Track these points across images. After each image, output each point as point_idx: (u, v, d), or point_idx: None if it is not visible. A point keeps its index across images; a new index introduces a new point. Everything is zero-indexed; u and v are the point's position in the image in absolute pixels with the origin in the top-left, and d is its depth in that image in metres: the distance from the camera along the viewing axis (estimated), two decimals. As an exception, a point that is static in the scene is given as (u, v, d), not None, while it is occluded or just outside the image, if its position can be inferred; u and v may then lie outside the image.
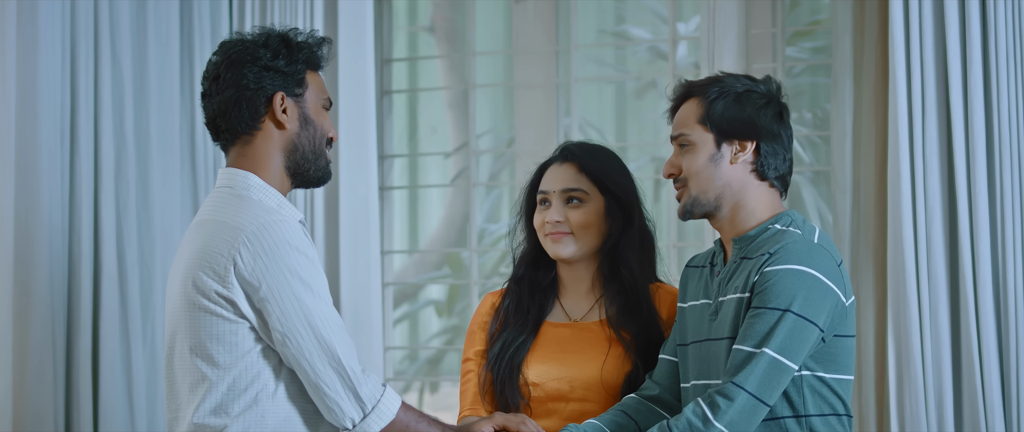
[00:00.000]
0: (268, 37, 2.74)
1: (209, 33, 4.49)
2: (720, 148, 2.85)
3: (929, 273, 3.77)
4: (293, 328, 2.61)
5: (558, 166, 3.15)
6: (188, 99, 4.47)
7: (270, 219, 2.64)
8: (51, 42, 4.20)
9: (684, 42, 5.02)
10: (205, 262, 2.63)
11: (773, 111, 2.86)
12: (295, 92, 2.74)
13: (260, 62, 2.71)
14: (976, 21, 3.73)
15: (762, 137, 2.84)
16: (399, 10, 5.29)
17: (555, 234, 3.10)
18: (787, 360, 2.71)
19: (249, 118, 2.71)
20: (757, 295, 2.74)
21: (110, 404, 4.25)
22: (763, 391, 2.71)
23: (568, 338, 3.13)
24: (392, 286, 4.80)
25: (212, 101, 2.74)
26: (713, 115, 2.85)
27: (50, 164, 4.19)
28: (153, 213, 4.37)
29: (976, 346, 3.71)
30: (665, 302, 3.12)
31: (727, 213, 2.86)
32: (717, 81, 2.89)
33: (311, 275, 2.64)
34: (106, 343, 4.25)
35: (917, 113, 3.78)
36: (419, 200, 5.89)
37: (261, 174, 2.73)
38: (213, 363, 2.63)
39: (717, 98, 2.86)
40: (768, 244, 2.79)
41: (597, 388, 3.07)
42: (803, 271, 2.73)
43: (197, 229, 2.71)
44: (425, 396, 6.23)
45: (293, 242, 2.63)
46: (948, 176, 3.79)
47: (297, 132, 2.74)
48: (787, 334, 2.71)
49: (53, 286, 4.19)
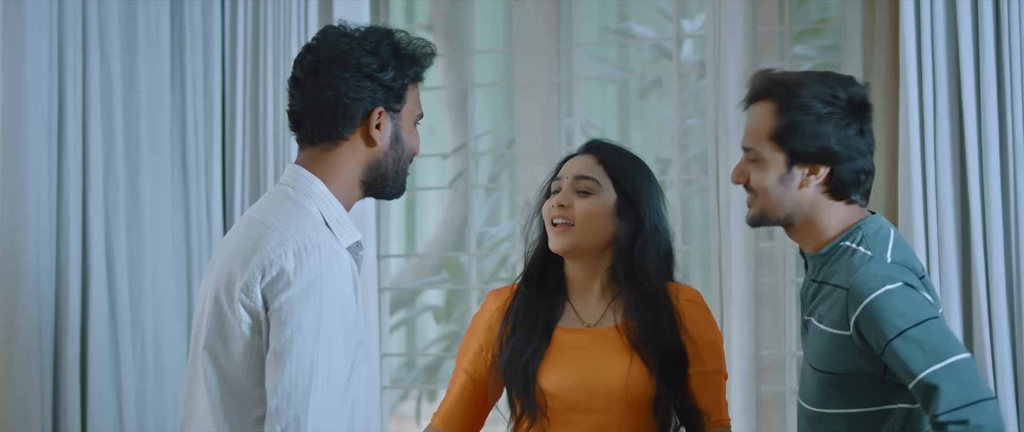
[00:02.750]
0: (379, 42, 2.60)
1: (200, 32, 4.49)
2: (791, 170, 2.77)
3: (941, 278, 3.77)
4: (290, 393, 2.48)
5: (578, 157, 3.13)
6: (179, 100, 4.47)
7: (328, 259, 2.50)
8: (38, 41, 4.20)
9: (689, 40, 5.03)
10: (239, 262, 2.53)
11: (854, 129, 2.77)
12: (394, 108, 2.62)
13: (366, 70, 2.58)
14: (989, 19, 3.73)
15: (837, 162, 2.76)
16: (396, 8, 5.29)
17: (559, 226, 3.06)
18: (954, 356, 2.63)
19: (340, 127, 2.59)
20: (869, 339, 2.68)
21: (98, 413, 4.25)
22: (971, 392, 2.62)
23: (584, 345, 3.08)
24: (389, 291, 4.81)
25: (304, 95, 2.60)
26: (785, 137, 2.76)
27: (37, 166, 4.19)
28: (143, 217, 4.37)
29: (989, 352, 3.72)
30: (685, 307, 3.08)
31: (800, 227, 2.81)
32: (797, 90, 2.76)
33: (342, 355, 2.50)
34: (94, 350, 4.25)
35: (929, 113, 3.79)
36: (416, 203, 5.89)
37: (331, 182, 2.61)
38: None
39: (793, 116, 2.75)
40: (841, 274, 2.74)
41: (619, 399, 3.03)
42: (884, 293, 2.68)
43: (247, 226, 2.59)
44: (422, 404, 6.23)
45: (340, 301, 2.50)
46: (960, 178, 3.79)
47: (385, 150, 2.62)
48: (928, 343, 2.65)
49: (40, 291, 4.20)
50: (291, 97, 2.63)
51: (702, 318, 3.10)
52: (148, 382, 4.35)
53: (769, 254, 4.22)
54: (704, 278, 4.55)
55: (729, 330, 4.13)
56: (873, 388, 2.74)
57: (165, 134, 4.43)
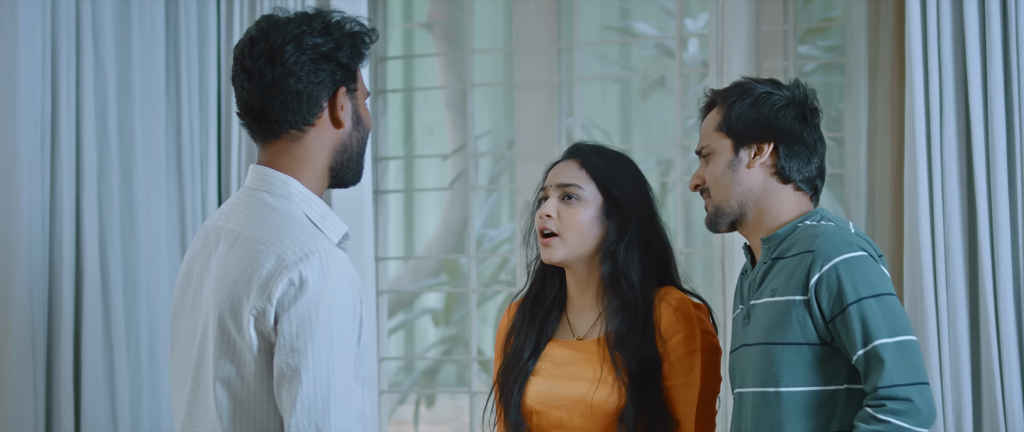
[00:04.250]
0: (328, 25, 2.56)
1: (196, 31, 4.49)
2: (738, 153, 2.89)
3: (947, 280, 3.77)
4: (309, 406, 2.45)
5: (561, 163, 3.12)
6: (174, 99, 4.47)
7: (330, 265, 2.47)
8: (31, 40, 4.20)
9: (692, 39, 5.03)
10: (242, 288, 2.48)
11: (795, 112, 2.90)
12: (351, 87, 2.59)
13: (322, 49, 2.54)
14: (996, 18, 3.73)
15: (780, 139, 2.88)
16: (394, 6, 5.29)
17: (544, 239, 3.05)
18: (904, 336, 2.73)
19: (306, 112, 2.55)
20: (824, 302, 2.76)
21: (92, 418, 4.25)
22: (915, 373, 2.71)
23: (567, 360, 3.07)
24: (387, 294, 4.81)
25: (263, 85, 2.54)
26: (730, 120, 2.90)
27: (30, 167, 4.19)
28: (138, 218, 4.37)
29: (996, 356, 3.71)
30: (664, 312, 3.03)
31: (752, 219, 2.90)
32: (737, 87, 2.94)
33: (353, 358, 2.47)
34: (88, 354, 4.25)
35: (935, 113, 3.78)
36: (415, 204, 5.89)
37: (303, 176, 2.57)
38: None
39: (734, 102, 2.91)
40: (803, 241, 2.81)
41: (591, 414, 3.01)
42: (852, 257, 2.76)
43: (234, 243, 2.53)
44: (421, 410, 6.23)
45: (348, 307, 2.47)
46: (967, 179, 3.79)
47: (350, 131, 2.59)
48: (883, 316, 2.73)
49: (33, 294, 4.20)
50: (243, 91, 2.56)
51: (681, 328, 3.02)
52: (143, 386, 4.35)
53: (773, 256, 4.21)
54: (706, 281, 4.55)
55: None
56: (816, 363, 2.79)
57: (160, 134, 4.43)
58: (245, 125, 2.59)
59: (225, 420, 2.51)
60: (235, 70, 2.57)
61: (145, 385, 4.35)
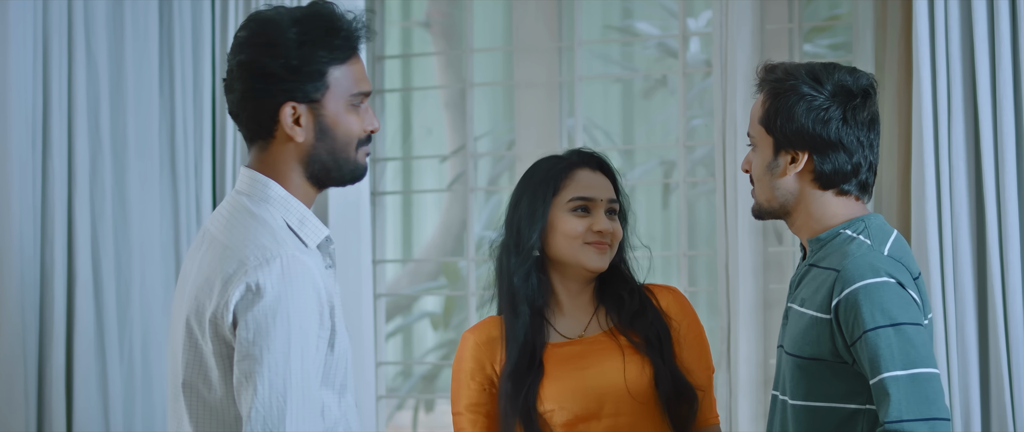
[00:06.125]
0: (284, 30, 2.52)
1: (190, 31, 4.48)
2: (776, 157, 2.83)
3: (956, 282, 3.77)
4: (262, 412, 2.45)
5: (592, 173, 3.19)
6: (168, 100, 4.46)
7: (292, 272, 2.46)
8: (22, 39, 4.20)
9: (695, 38, 5.03)
10: (205, 292, 2.49)
11: (838, 115, 2.80)
12: (312, 97, 2.54)
13: (259, 67, 2.52)
14: (1005, 16, 3.73)
15: (816, 148, 2.80)
16: (392, 5, 5.29)
17: (601, 244, 3.15)
18: (920, 368, 2.65)
19: (258, 126, 2.55)
20: (845, 326, 2.71)
21: (84, 423, 4.24)
22: (925, 408, 2.64)
23: (581, 354, 3.13)
24: (385, 297, 4.80)
25: (230, 96, 2.56)
26: (771, 120, 2.83)
27: (21, 168, 4.19)
28: (131, 220, 4.37)
29: (1005, 358, 3.71)
30: (661, 298, 3.19)
31: (796, 220, 2.86)
32: (786, 76, 2.84)
33: (312, 366, 2.48)
34: (80, 359, 4.25)
35: (942, 113, 3.78)
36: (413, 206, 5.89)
37: (283, 181, 2.56)
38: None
39: (778, 100, 2.82)
40: (834, 257, 2.77)
41: (624, 399, 3.08)
42: (874, 284, 2.70)
43: (208, 247, 2.55)
44: (420, 415, 6.22)
45: (307, 314, 2.47)
46: (975, 180, 3.79)
47: (313, 144, 2.56)
48: (899, 346, 2.66)
49: (24, 298, 4.19)
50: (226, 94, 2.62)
51: (684, 310, 3.20)
52: (136, 391, 4.34)
53: (778, 259, 4.21)
54: (710, 284, 4.55)
55: (736, 337, 4.13)
56: (844, 380, 2.75)
57: (153, 135, 4.42)
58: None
59: (194, 423, 2.53)
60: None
61: (138, 390, 4.34)
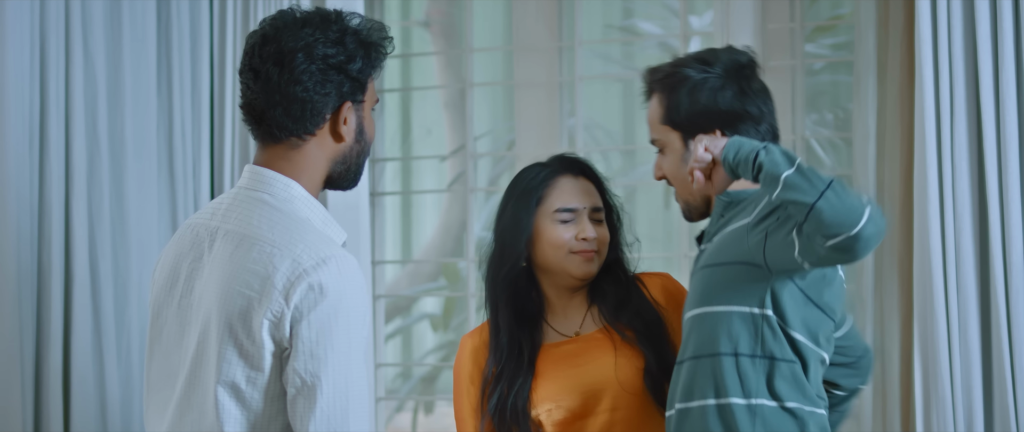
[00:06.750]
0: (343, 32, 2.54)
1: (188, 31, 4.48)
2: (688, 146, 2.87)
3: (958, 283, 3.76)
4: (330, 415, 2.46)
5: (575, 180, 3.20)
6: (165, 100, 4.46)
7: (346, 271, 2.47)
8: (19, 39, 4.20)
9: (697, 37, 5.02)
10: (248, 291, 2.46)
11: (733, 89, 2.86)
12: (359, 99, 2.58)
13: (332, 61, 2.52)
14: (1008, 16, 3.72)
15: (724, 123, 2.85)
16: (391, 4, 5.29)
17: (587, 253, 3.15)
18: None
19: (308, 123, 2.53)
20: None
21: (82, 424, 4.24)
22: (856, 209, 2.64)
23: (575, 352, 3.16)
24: (384, 299, 4.80)
25: (268, 88, 2.51)
26: (672, 114, 2.88)
27: (18, 168, 4.19)
28: (128, 221, 4.37)
29: (1008, 359, 3.71)
30: (652, 285, 3.20)
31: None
32: (672, 72, 2.89)
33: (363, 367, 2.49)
34: (78, 359, 4.25)
35: (945, 113, 3.78)
36: (413, 207, 5.88)
37: (305, 182, 2.56)
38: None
39: (673, 93, 2.87)
40: (750, 207, 2.81)
41: (617, 392, 3.09)
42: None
43: (238, 245, 2.51)
44: (419, 417, 6.22)
45: (364, 313, 2.49)
46: (978, 181, 3.78)
47: (351, 144, 2.58)
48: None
49: (21, 298, 4.19)
50: (248, 89, 2.54)
51: (676, 295, 3.20)
52: (133, 392, 4.34)
53: (779, 260, 4.20)
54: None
55: (738, 339, 4.12)
56: (750, 283, 2.77)
57: (151, 135, 4.42)
58: (246, 122, 2.58)
59: (227, 425, 2.49)
60: (243, 65, 2.56)
61: (136, 390, 4.34)
